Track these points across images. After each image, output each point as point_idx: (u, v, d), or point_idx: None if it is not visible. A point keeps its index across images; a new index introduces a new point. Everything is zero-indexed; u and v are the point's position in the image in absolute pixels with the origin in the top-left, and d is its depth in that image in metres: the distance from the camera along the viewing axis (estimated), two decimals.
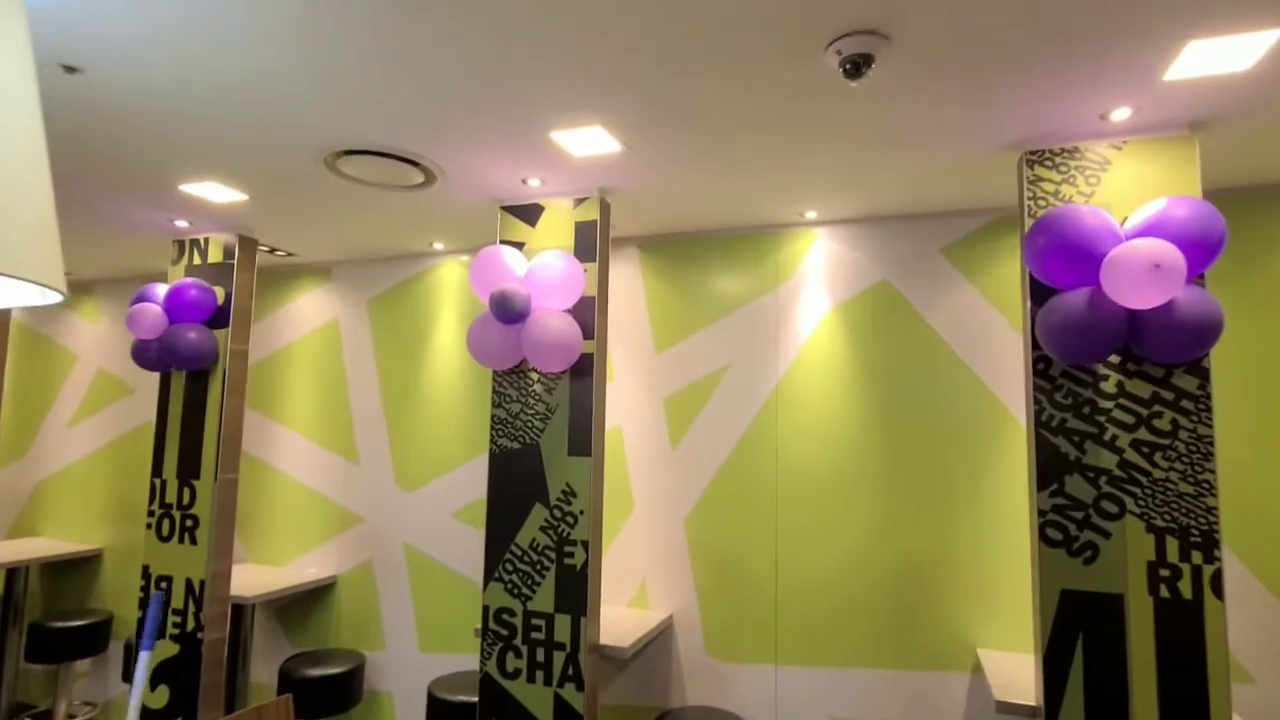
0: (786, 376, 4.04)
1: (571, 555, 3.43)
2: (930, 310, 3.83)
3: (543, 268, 3.38)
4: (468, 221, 4.14)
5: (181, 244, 4.68)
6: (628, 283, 4.48)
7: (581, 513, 3.43)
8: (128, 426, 5.88)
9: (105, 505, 5.91)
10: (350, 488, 5.07)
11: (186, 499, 4.40)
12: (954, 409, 3.73)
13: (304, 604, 5.12)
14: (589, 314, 3.54)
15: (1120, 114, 2.62)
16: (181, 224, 4.41)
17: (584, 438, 3.47)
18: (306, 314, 5.37)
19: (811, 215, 3.96)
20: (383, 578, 4.91)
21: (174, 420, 4.50)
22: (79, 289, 6.20)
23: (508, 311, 3.27)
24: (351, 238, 4.65)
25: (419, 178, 3.51)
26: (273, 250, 5.03)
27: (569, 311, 3.56)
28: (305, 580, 4.85)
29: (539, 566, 3.48)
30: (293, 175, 3.50)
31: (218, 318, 4.44)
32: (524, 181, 3.54)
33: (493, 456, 3.64)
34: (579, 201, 3.65)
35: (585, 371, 3.51)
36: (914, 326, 3.84)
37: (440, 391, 4.89)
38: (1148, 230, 2.49)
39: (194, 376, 4.47)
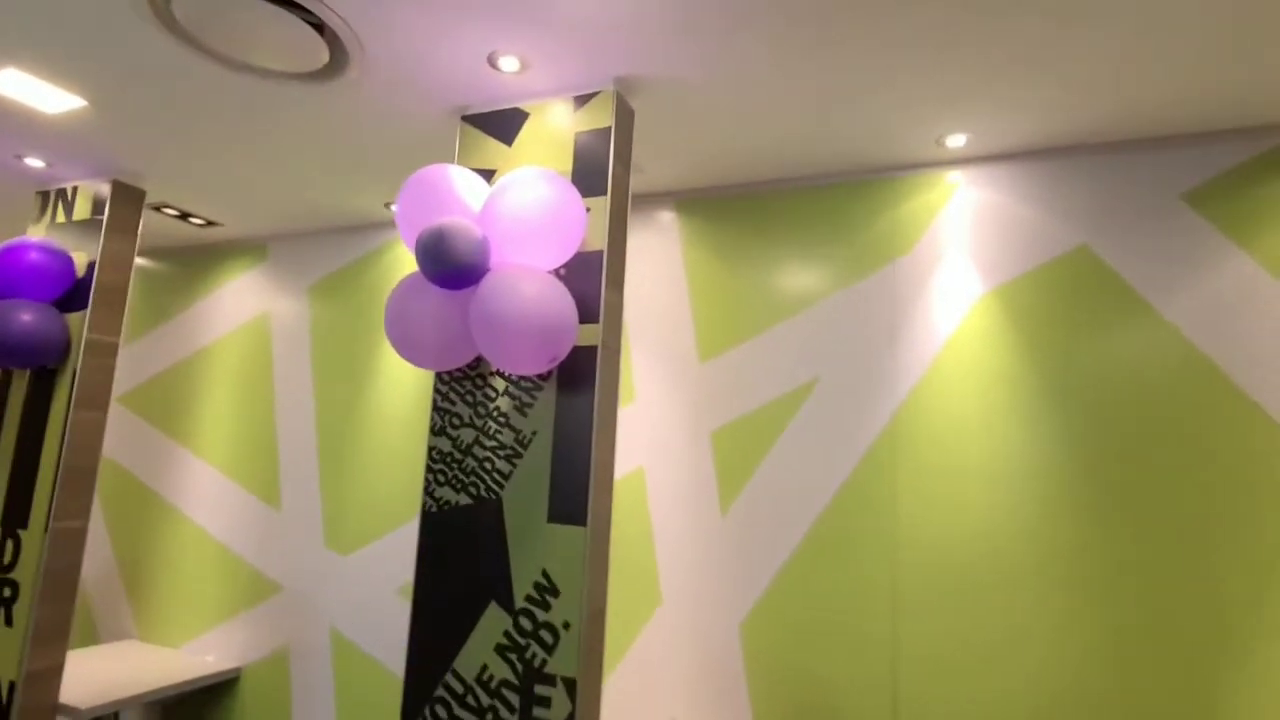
0: (912, 400, 2.52)
1: (547, 703, 1.92)
2: (1166, 294, 2.29)
3: (512, 194, 1.94)
4: (417, 150, 2.74)
5: (46, 195, 3.39)
6: (658, 259, 3.03)
7: (566, 626, 1.94)
8: None
9: None
10: (268, 544, 3.63)
11: (9, 557, 3.01)
12: (1214, 455, 2.16)
13: (195, 706, 3.66)
14: (592, 279, 2.09)
15: None
16: (34, 163, 3.11)
17: (575, 491, 1.99)
18: (232, 305, 4.03)
19: (956, 142, 2.47)
20: (301, 673, 3.44)
21: (6, 442, 3.15)
22: None
23: (446, 264, 1.84)
24: (265, 189, 3.30)
25: (321, 52, 2.13)
26: (184, 215, 3.72)
27: (557, 274, 2.12)
28: (198, 674, 3.41)
29: (490, 717, 1.98)
30: (113, 37, 2.16)
31: (74, 295, 3.10)
32: (493, 63, 2.14)
33: (426, 517, 2.18)
34: (583, 100, 2.23)
35: (582, 378, 2.05)
36: (1136, 320, 2.30)
37: (391, 415, 3.46)
38: None
39: (38, 378, 3.13)
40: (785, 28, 1.90)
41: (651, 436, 2.90)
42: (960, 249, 2.54)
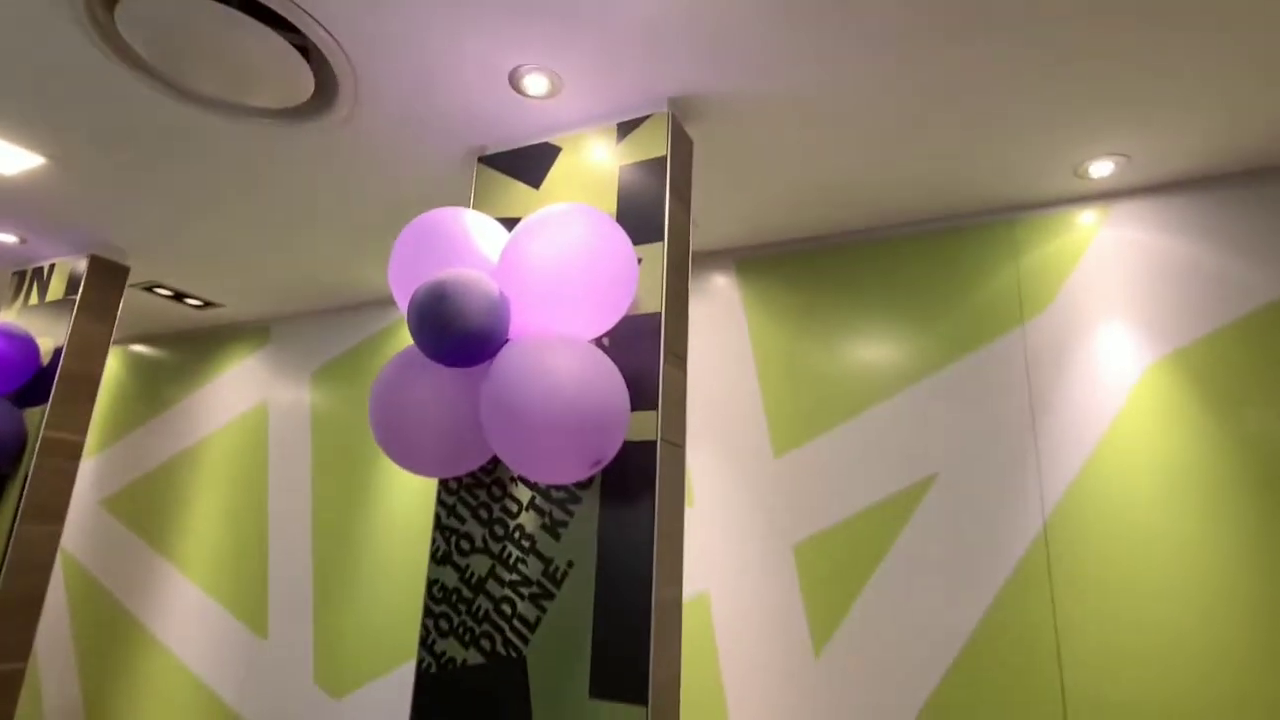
0: (1070, 500, 1.89)
1: None
2: None
3: (539, 238, 1.44)
4: (425, 202, 2.29)
5: (22, 275, 3.02)
6: (716, 331, 2.50)
7: None
8: None
9: None
10: (251, 680, 3.02)
11: None
12: None
13: None
14: (646, 351, 1.55)
15: None
16: (5, 237, 2.75)
17: (630, 652, 1.39)
18: (230, 395, 3.58)
19: (1102, 171, 1.94)
20: None
21: None
22: None
23: (450, 332, 1.32)
24: (259, 262, 2.88)
25: (305, 81, 1.71)
26: (179, 296, 3.33)
27: (599, 344, 1.60)
28: None
29: None
30: (62, 76, 1.76)
31: (34, 387, 2.66)
32: (516, 84, 1.69)
33: (422, 678, 1.58)
34: (628, 128, 1.76)
35: (637, 485, 1.48)
36: None
37: (398, 527, 2.90)
38: None
39: None
40: (897, 21, 1.43)
41: (717, 552, 2.29)
42: (1115, 304, 1.97)
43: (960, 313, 2.15)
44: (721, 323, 2.51)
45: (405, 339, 3.15)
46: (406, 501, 2.89)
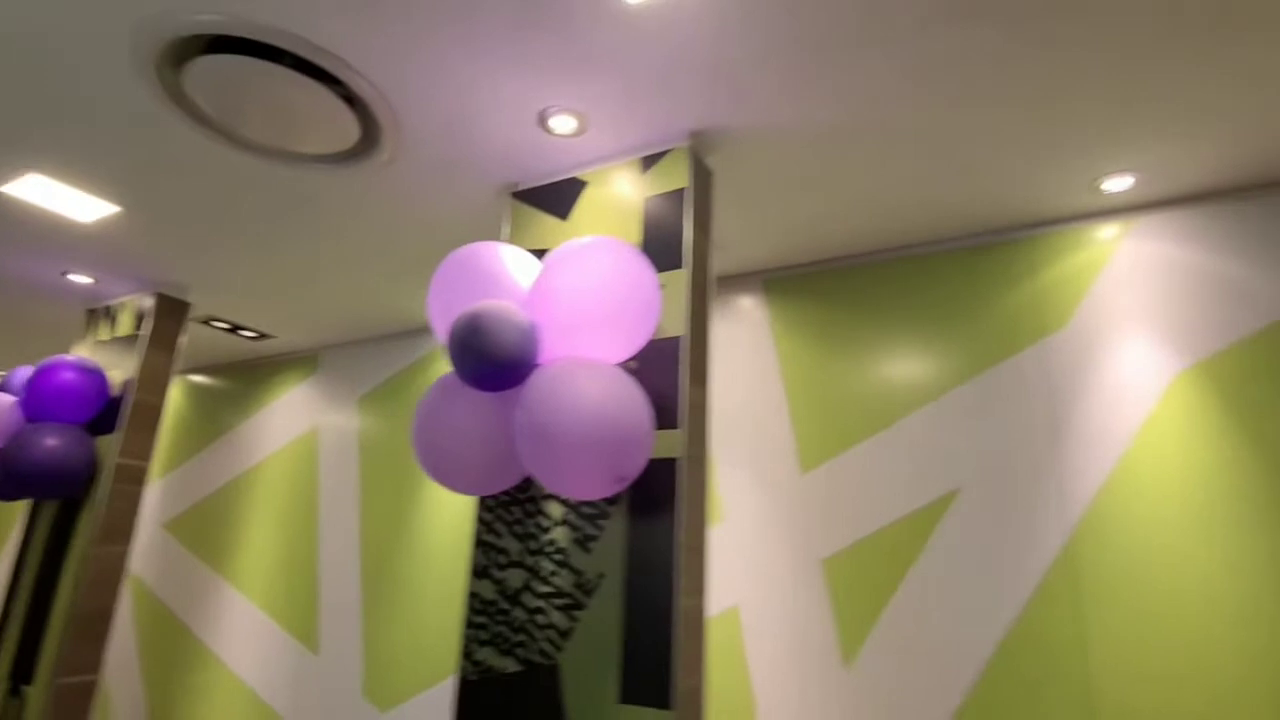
0: (1095, 514, 1.91)
1: None
2: None
3: (566, 269, 1.55)
4: (463, 237, 2.41)
5: (94, 312, 3.25)
6: (744, 350, 2.57)
7: None
8: None
9: None
10: (302, 694, 3.16)
11: (14, 716, 2.63)
12: None
13: None
14: (669, 373, 1.64)
15: None
16: (81, 279, 2.98)
17: (656, 659, 1.46)
18: (282, 421, 3.77)
19: (1119, 185, 1.98)
20: None
21: (26, 583, 2.85)
22: None
23: (483, 359, 1.43)
24: (311, 294, 3.05)
25: (351, 129, 1.86)
26: (235, 329, 3.54)
27: (625, 367, 1.69)
28: None
29: None
30: (134, 132, 1.95)
31: (105, 416, 2.86)
32: (544, 123, 1.81)
33: (463, 686, 1.67)
34: (651, 161, 1.86)
35: (661, 501, 1.56)
36: None
37: (442, 544, 3.02)
38: None
39: (64, 508, 2.85)
40: (913, 51, 1.50)
41: (747, 566, 2.35)
42: (1136, 317, 1.99)
43: (981, 328, 2.18)
44: (750, 342, 2.58)
45: (443, 365, 3.29)
46: (449, 520, 3.01)
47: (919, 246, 2.35)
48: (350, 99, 1.79)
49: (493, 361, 1.42)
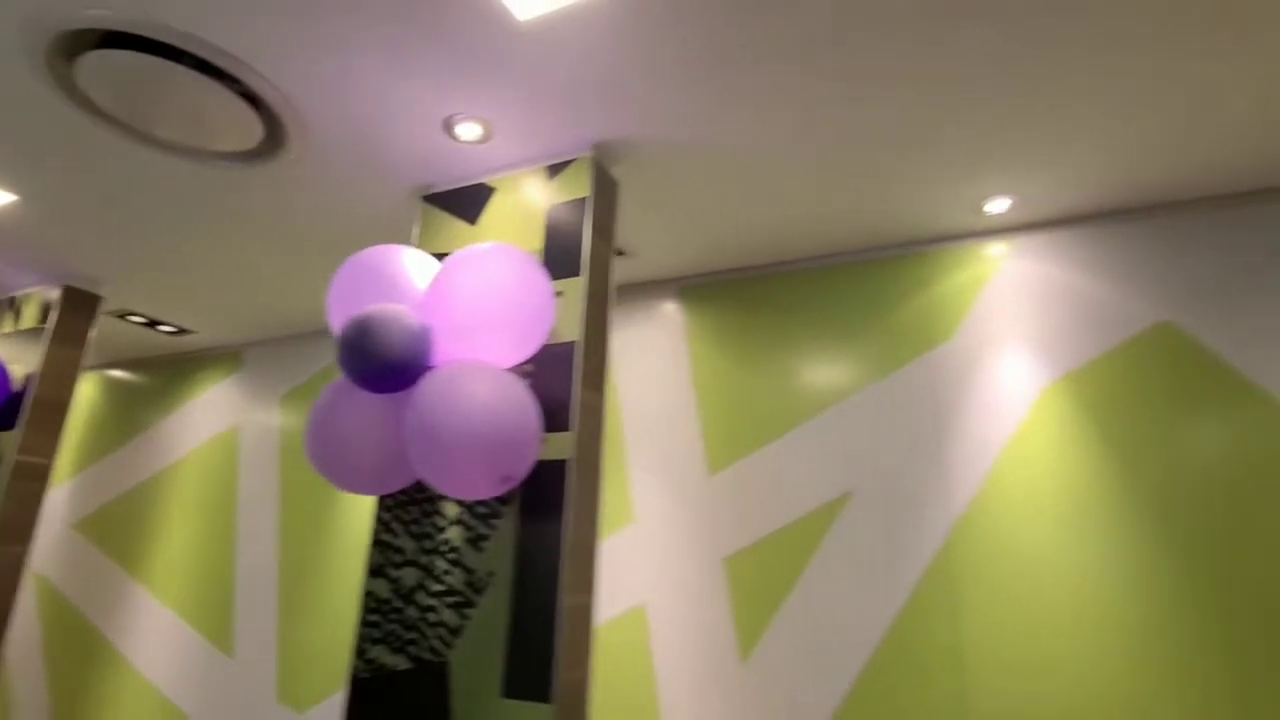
0: (972, 515, 2.03)
1: None
2: (1274, 371, 1.83)
3: (459, 274, 1.58)
4: (376, 237, 2.43)
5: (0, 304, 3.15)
6: (661, 355, 2.64)
7: None
8: None
9: None
10: (214, 697, 3.11)
11: None
12: None
13: None
14: (563, 378, 1.69)
15: None
16: None
17: (537, 654, 1.50)
18: (202, 418, 3.70)
19: (999, 208, 2.11)
20: None
21: None
22: None
23: (373, 361, 1.45)
24: (228, 291, 3.01)
25: (255, 127, 1.86)
26: (152, 323, 3.45)
27: (523, 371, 1.73)
28: None
29: None
30: (25, 119, 1.91)
31: (5, 412, 2.77)
32: (450, 130, 1.84)
33: (355, 684, 1.69)
34: (556, 170, 1.91)
35: (551, 501, 1.61)
36: (1239, 404, 1.84)
37: (360, 545, 3.01)
38: None
39: None
40: (801, 75, 1.59)
41: (655, 566, 2.41)
42: (1013, 331, 2.12)
43: (877, 339, 2.29)
44: (665, 348, 2.65)
45: None
46: (368, 521, 3.00)
47: (823, 259, 2.45)
48: (253, 98, 1.79)
49: (380, 363, 1.45)
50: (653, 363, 2.65)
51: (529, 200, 1.91)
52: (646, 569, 2.42)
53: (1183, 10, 1.38)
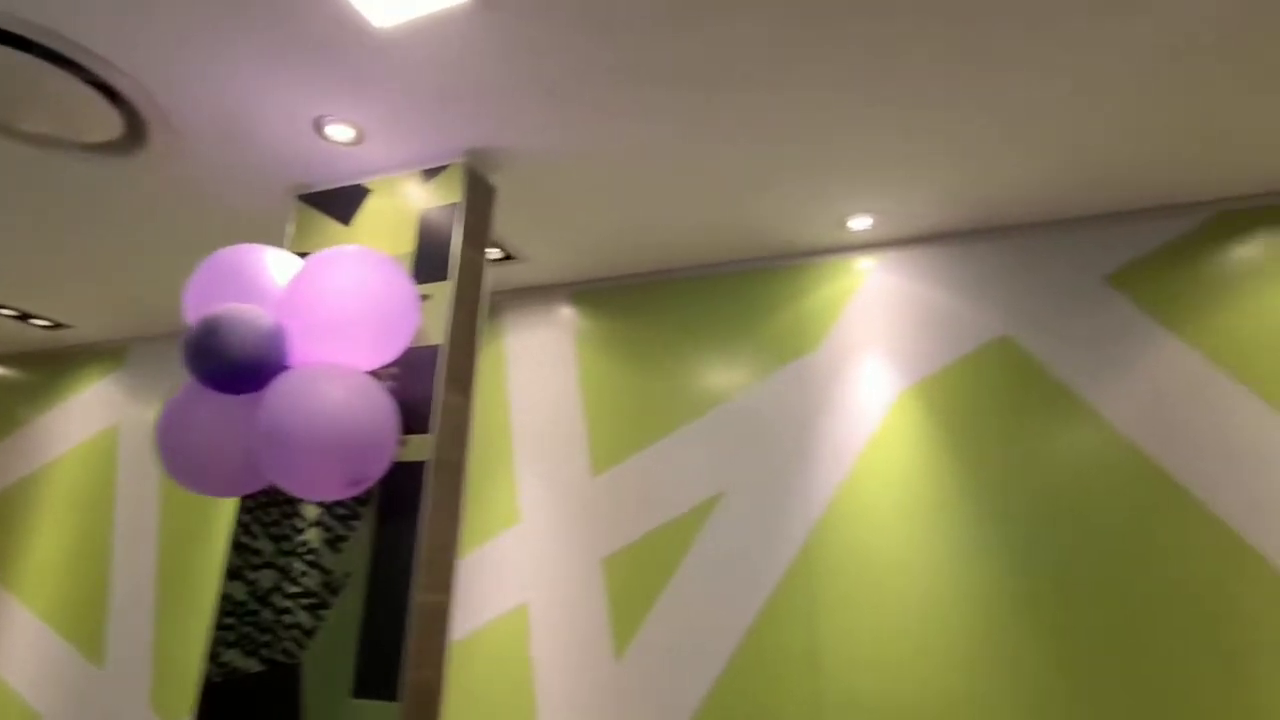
0: (830, 516, 2.14)
1: None
2: (1098, 387, 2.01)
3: (317, 276, 1.59)
4: (252, 234, 2.39)
5: None
6: (550, 359, 2.68)
7: None
8: None
9: None
10: (82, 707, 2.97)
11: None
12: (1165, 566, 1.81)
13: None
14: (423, 380, 1.71)
15: None
16: None
17: (386, 653, 1.52)
18: (80, 417, 3.53)
19: (861, 225, 2.24)
20: None
21: None
22: None
23: (220, 361, 1.45)
24: (102, 285, 2.90)
25: (113, 120, 1.81)
26: (24, 316, 3.28)
27: (388, 374, 1.74)
28: None
29: None
30: None
31: None
32: (321, 131, 1.84)
33: (206, 689, 1.67)
34: (431, 174, 1.93)
35: (408, 502, 1.63)
36: (1066, 414, 2.01)
37: None
38: None
39: None
40: (667, 92, 1.65)
41: (538, 566, 2.45)
42: (874, 341, 2.25)
43: (751, 347, 2.39)
44: (555, 351, 2.69)
45: None
46: None
47: (704, 268, 2.54)
48: (109, 90, 1.74)
49: (226, 364, 1.44)
50: (543, 366, 2.69)
51: (403, 203, 1.92)
52: (531, 569, 2.45)
53: (1012, 35, 1.52)
